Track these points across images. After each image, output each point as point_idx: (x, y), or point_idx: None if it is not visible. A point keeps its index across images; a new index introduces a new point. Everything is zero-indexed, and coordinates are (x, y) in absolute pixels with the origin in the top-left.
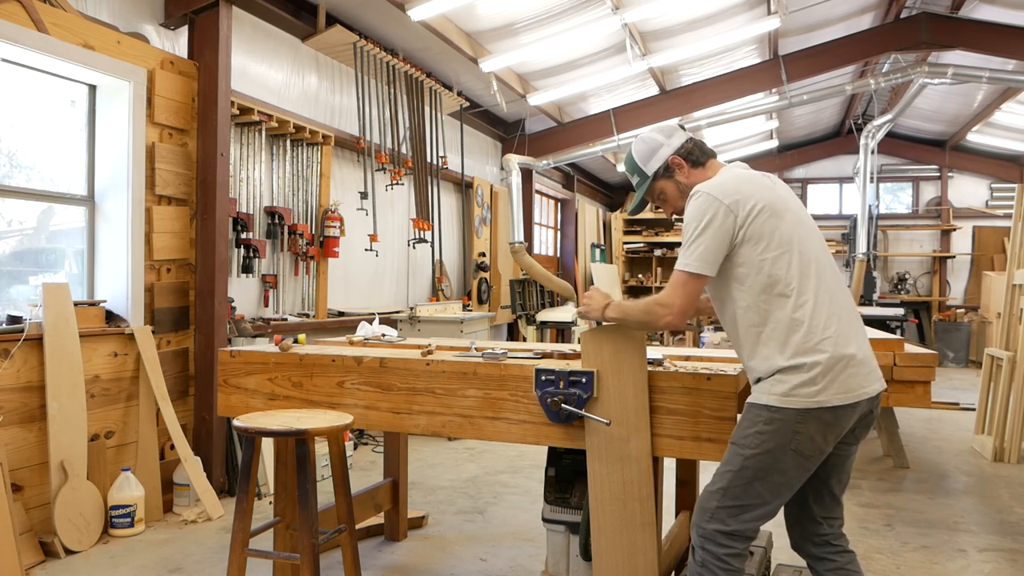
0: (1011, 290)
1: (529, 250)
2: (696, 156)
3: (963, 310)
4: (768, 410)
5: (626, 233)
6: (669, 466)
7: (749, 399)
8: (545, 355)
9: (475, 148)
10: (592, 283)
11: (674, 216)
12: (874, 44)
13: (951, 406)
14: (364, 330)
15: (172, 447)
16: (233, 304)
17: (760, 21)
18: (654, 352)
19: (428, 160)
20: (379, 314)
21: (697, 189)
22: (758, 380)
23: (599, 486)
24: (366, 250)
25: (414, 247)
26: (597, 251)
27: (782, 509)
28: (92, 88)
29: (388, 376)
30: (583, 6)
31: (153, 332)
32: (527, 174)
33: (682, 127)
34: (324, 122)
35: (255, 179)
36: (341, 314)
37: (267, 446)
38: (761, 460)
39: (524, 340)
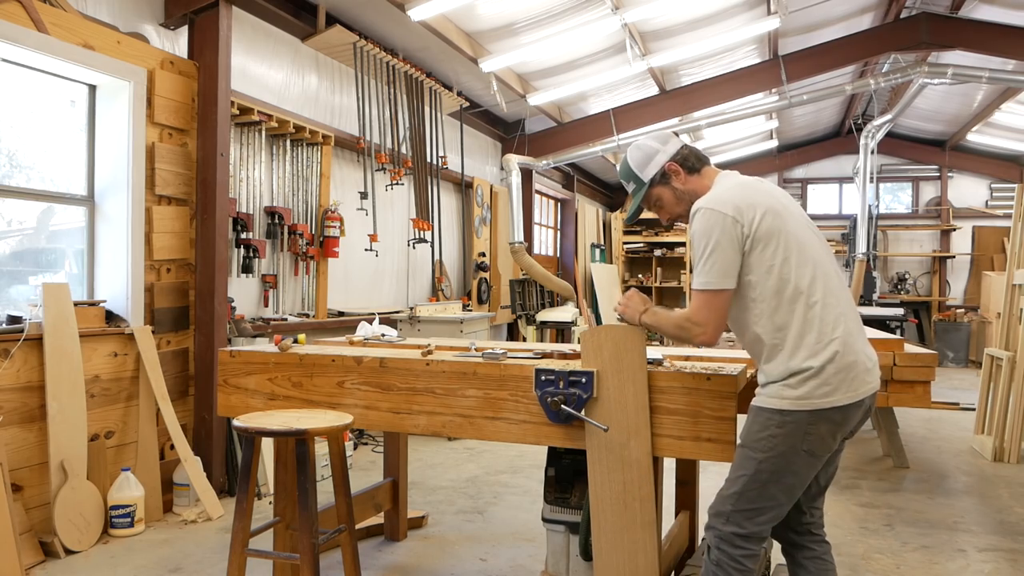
0: (1011, 290)
1: (529, 250)
2: (692, 163)
3: (963, 310)
4: (780, 414)
5: (626, 233)
6: (669, 466)
7: (756, 402)
8: (545, 355)
9: (475, 148)
10: (592, 283)
11: (667, 221)
12: (874, 44)
13: (951, 406)
14: (364, 330)
15: (172, 447)
16: (233, 304)
17: (760, 21)
18: (654, 352)
19: (428, 160)
20: (379, 314)
21: (698, 206)
22: (768, 383)
23: (599, 486)
24: (366, 250)
25: (414, 247)
26: (597, 251)
27: None
28: (92, 88)
29: (388, 376)
30: (583, 6)
31: (153, 332)
32: (527, 174)
33: (676, 135)
34: (324, 122)
35: (255, 179)
36: (341, 314)
37: (267, 446)
38: (775, 463)
39: (524, 340)
